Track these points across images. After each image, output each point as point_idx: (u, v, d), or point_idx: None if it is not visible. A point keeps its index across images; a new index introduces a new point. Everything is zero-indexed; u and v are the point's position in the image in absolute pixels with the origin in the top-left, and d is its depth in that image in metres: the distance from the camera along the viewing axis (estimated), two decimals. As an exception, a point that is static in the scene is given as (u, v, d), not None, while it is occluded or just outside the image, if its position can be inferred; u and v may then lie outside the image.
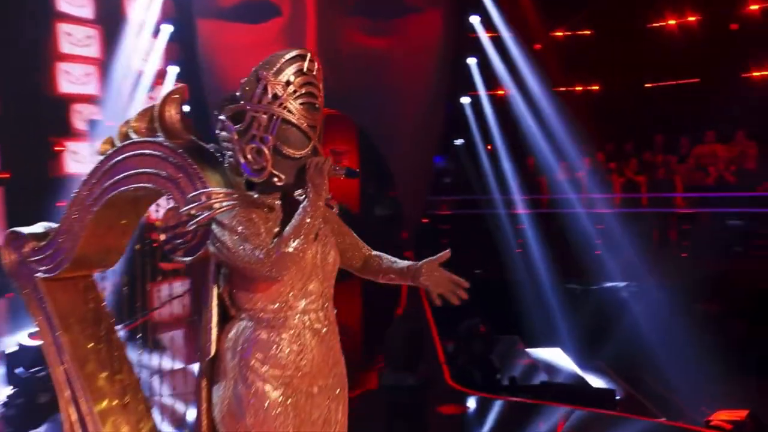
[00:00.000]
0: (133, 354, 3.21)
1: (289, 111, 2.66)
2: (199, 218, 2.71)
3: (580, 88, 10.72)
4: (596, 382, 6.64)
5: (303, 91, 2.68)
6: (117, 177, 3.03)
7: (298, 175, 2.70)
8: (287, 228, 2.63)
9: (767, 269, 8.56)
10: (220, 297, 2.80)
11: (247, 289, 2.70)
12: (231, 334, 2.74)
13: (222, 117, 2.74)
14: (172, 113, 2.97)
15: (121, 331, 3.24)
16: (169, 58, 10.21)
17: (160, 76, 9.87)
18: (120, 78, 9.22)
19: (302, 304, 2.70)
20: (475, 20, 10.66)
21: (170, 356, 3.97)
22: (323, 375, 2.74)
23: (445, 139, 11.19)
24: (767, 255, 9.05)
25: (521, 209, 9.61)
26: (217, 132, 2.81)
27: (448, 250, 2.82)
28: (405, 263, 2.89)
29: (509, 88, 10.65)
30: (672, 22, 11.91)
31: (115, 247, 3.10)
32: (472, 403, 5.47)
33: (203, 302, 2.84)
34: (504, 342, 7.04)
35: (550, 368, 6.59)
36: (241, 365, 2.67)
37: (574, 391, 5.94)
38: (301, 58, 2.68)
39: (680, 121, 10.96)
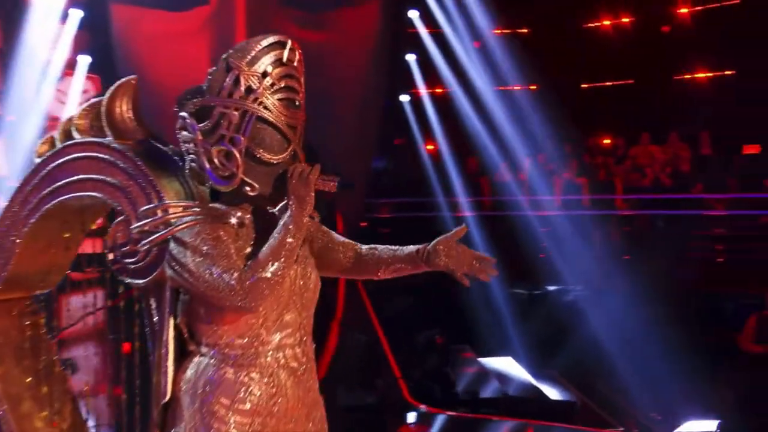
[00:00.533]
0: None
1: (266, 107, 2.26)
2: (154, 236, 2.30)
3: (519, 87, 10.60)
4: (550, 391, 6.50)
5: (282, 84, 2.27)
6: (57, 184, 2.62)
7: (274, 184, 2.30)
8: (264, 248, 2.23)
9: (707, 271, 8.60)
10: (177, 329, 2.39)
11: (210, 321, 2.29)
12: (189, 374, 2.33)
13: (183, 114, 2.33)
14: (122, 109, 2.58)
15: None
16: (79, 46, 9.51)
17: (70, 66, 9.20)
18: (23, 68, 8.51)
19: (276, 338, 2.30)
20: (414, 15, 10.39)
21: (84, 378, 3.54)
22: (300, 421, 2.35)
23: (384, 138, 10.89)
24: (706, 257, 9.11)
25: (465, 211, 9.42)
26: (176, 131, 2.40)
27: (464, 225, 2.43)
28: (411, 247, 2.44)
29: (450, 86, 10.43)
30: (607, 22, 11.93)
31: (57, 265, 2.69)
32: (434, 420, 5.22)
33: (156, 335, 2.45)
34: (454, 352, 6.82)
35: (503, 379, 6.40)
36: (203, 411, 2.27)
37: (536, 405, 5.77)
38: (281, 45, 2.28)
39: (617, 122, 10.99)
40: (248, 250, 2.30)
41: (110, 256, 2.54)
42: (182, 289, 2.35)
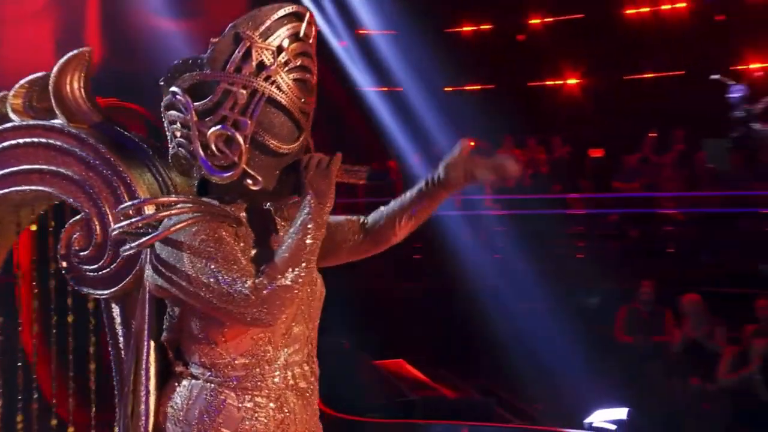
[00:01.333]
0: None
1: (279, 88, 1.92)
2: (144, 239, 1.91)
3: (386, 89, 10.55)
4: (448, 391, 6.46)
5: (298, 62, 1.94)
6: (-8, 176, 2.18)
7: (280, 178, 1.98)
8: (281, 251, 1.90)
9: (570, 268, 8.90)
10: (161, 348, 2.03)
11: (206, 337, 1.94)
12: (178, 400, 1.97)
13: (174, 88, 1.95)
14: (73, 87, 2.19)
15: None
16: None
17: None
18: None
19: (284, 355, 1.98)
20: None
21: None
22: None
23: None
24: (568, 254, 9.45)
25: (340, 214, 9.18)
26: (162, 109, 2.03)
27: (467, 139, 2.07)
28: (417, 186, 2.08)
29: (323, 85, 10.14)
30: (468, 28, 12.13)
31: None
32: (349, 428, 5.00)
33: (127, 355, 2.07)
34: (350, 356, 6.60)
35: (403, 381, 6.28)
36: None
37: (453, 406, 5.70)
38: (297, 17, 1.95)
39: (481, 126, 11.18)
40: (254, 252, 1.96)
41: (63, 264, 2.13)
42: (169, 301, 1.98)
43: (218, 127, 1.92)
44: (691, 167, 9.89)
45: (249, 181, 1.95)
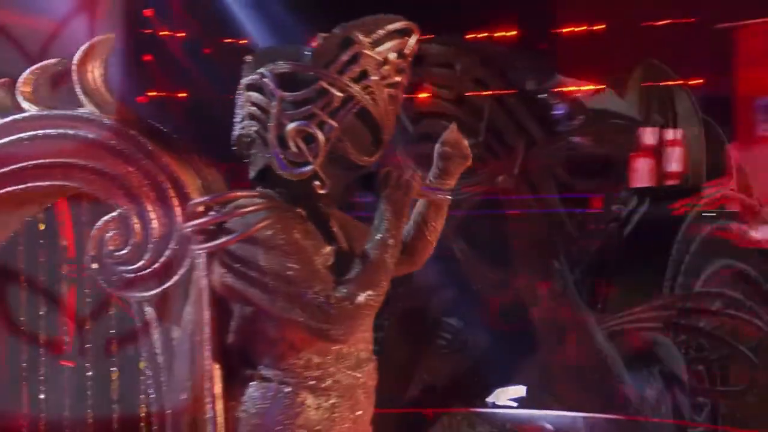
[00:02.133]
0: None
1: (374, 100, 1.86)
2: (226, 238, 1.82)
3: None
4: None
5: (395, 79, 1.90)
6: (1, 170, 1.97)
7: (345, 188, 1.94)
8: (361, 268, 1.84)
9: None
10: (226, 351, 1.92)
11: (282, 338, 1.87)
12: (250, 406, 1.88)
13: (263, 70, 1.87)
14: (95, 75, 2.02)
15: None
16: None
17: None
18: None
19: (355, 352, 1.95)
20: (149, 13, 9.65)
21: None
22: None
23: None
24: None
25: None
26: (240, 89, 1.93)
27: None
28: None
29: (190, 91, 9.82)
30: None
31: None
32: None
33: (174, 361, 1.92)
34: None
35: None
36: None
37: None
38: (406, 33, 1.91)
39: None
40: (327, 249, 1.89)
41: (94, 266, 1.95)
42: (238, 301, 1.87)
43: (301, 122, 1.85)
44: (529, 173, 10.63)
45: (317, 183, 1.89)
